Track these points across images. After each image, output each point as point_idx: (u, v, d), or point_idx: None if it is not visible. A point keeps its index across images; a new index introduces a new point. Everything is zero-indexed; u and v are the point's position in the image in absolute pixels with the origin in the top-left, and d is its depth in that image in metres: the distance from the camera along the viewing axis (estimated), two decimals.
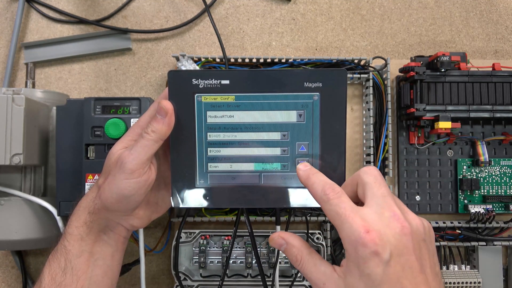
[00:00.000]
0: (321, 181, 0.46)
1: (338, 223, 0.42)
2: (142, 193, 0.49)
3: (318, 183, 0.45)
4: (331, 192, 0.44)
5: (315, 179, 0.46)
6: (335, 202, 0.43)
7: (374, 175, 0.44)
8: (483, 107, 0.72)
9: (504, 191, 0.74)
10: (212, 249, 0.72)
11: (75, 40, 0.79)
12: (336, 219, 0.42)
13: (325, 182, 0.45)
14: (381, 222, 0.41)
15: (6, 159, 0.60)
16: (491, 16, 0.81)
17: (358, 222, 0.40)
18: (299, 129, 0.51)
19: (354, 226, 0.40)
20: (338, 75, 0.50)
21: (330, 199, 0.43)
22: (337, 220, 0.42)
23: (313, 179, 0.46)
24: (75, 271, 0.50)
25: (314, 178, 0.46)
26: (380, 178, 0.44)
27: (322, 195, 0.44)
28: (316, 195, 0.45)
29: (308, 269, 0.45)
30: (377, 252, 0.39)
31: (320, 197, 0.44)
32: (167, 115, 0.48)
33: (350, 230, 0.40)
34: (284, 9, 0.81)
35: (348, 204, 0.42)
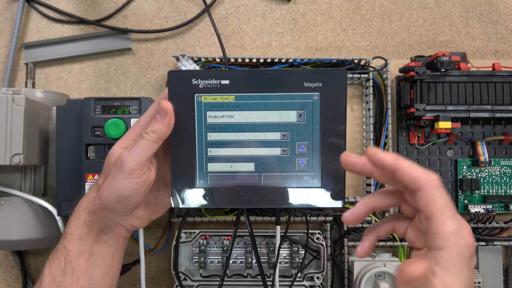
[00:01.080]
0: (417, 165, 0.41)
1: (447, 215, 0.39)
2: (141, 193, 0.49)
3: (417, 166, 0.41)
4: (437, 179, 0.40)
5: (408, 162, 0.41)
6: (444, 192, 0.40)
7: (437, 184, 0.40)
8: (483, 107, 0.72)
9: (504, 191, 0.74)
10: (212, 249, 0.72)
11: (75, 40, 0.79)
12: (445, 211, 0.39)
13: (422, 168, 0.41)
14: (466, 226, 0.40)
15: (6, 159, 0.60)
16: (491, 16, 0.81)
17: (463, 222, 0.39)
18: (299, 129, 0.51)
19: (462, 224, 0.38)
20: (338, 75, 0.50)
21: (440, 186, 0.40)
22: (446, 211, 0.39)
23: (406, 161, 0.42)
24: (75, 271, 0.50)
25: (406, 161, 0.42)
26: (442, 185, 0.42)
27: (430, 180, 0.40)
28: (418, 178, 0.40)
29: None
30: (473, 255, 0.39)
31: (426, 180, 0.40)
32: (167, 115, 0.48)
33: (459, 227, 0.38)
34: (284, 9, 0.81)
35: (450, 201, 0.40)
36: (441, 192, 0.40)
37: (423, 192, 0.40)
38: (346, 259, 0.72)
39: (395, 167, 0.41)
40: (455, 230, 0.38)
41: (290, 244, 0.72)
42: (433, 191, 0.39)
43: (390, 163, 0.42)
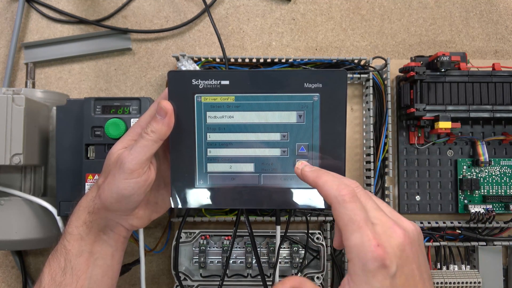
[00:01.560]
0: (335, 180, 0.43)
1: (349, 229, 0.40)
2: (141, 193, 0.49)
3: (332, 182, 0.43)
4: (347, 194, 0.41)
5: (327, 178, 0.44)
6: (351, 206, 0.41)
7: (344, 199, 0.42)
8: (483, 107, 0.72)
9: (504, 191, 0.74)
10: (212, 249, 0.72)
11: (75, 40, 0.79)
12: (348, 226, 0.40)
13: (340, 181, 0.43)
14: (385, 235, 0.40)
15: (6, 159, 0.60)
16: (491, 16, 0.81)
17: (369, 235, 0.39)
18: (299, 129, 0.51)
19: (366, 237, 0.39)
20: (338, 76, 0.50)
21: (346, 201, 0.41)
22: (348, 226, 0.40)
23: (325, 177, 0.44)
24: (75, 271, 0.50)
25: (326, 176, 0.44)
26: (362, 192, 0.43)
27: (337, 195, 0.41)
28: (329, 195, 0.42)
29: None
30: (386, 265, 0.38)
31: (334, 197, 0.41)
32: (167, 116, 0.48)
33: (361, 241, 0.39)
34: (284, 9, 0.81)
35: (362, 212, 0.40)
36: (347, 207, 0.40)
37: (333, 208, 0.42)
38: (346, 259, 0.72)
39: (315, 185, 0.44)
40: (357, 243, 0.39)
41: (290, 244, 0.72)
42: (339, 206, 0.41)
43: (312, 182, 0.45)
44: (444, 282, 0.70)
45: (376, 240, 0.39)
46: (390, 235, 0.40)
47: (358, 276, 0.39)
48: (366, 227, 0.39)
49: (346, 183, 0.43)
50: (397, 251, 0.39)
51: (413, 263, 0.40)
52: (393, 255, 0.39)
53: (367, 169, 0.73)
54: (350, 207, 0.40)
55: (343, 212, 0.41)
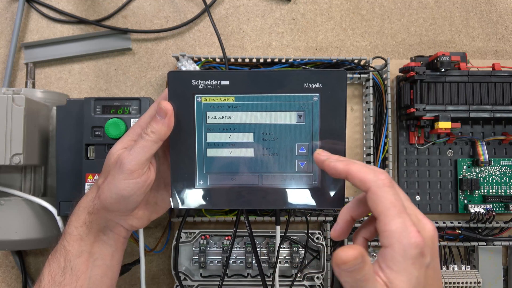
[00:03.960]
0: (369, 166, 0.42)
1: (391, 214, 0.39)
2: (141, 193, 0.49)
3: (367, 168, 0.42)
4: (386, 178, 0.41)
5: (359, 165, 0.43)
6: (392, 191, 0.40)
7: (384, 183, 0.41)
8: (483, 107, 0.72)
9: (504, 191, 0.74)
10: (212, 249, 0.72)
11: (75, 40, 0.79)
12: (390, 210, 0.39)
13: (374, 167, 0.42)
14: (420, 225, 0.40)
15: (6, 159, 0.60)
16: (491, 16, 0.81)
17: (410, 221, 0.38)
18: (299, 130, 0.51)
19: (408, 223, 0.38)
20: (338, 76, 0.50)
21: (387, 185, 0.40)
22: (391, 210, 0.39)
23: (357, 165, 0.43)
24: (75, 271, 0.50)
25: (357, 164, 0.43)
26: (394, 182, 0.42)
27: (376, 180, 0.40)
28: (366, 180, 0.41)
29: None
30: (423, 254, 0.38)
31: (373, 181, 0.40)
32: (167, 116, 0.48)
33: (404, 226, 0.38)
34: (284, 9, 0.81)
35: (400, 199, 0.40)
36: (388, 191, 0.40)
37: (370, 192, 0.41)
38: None
39: (347, 173, 0.43)
40: (399, 228, 0.38)
41: (290, 244, 0.72)
42: (379, 190, 0.40)
43: (343, 170, 0.43)
44: (444, 282, 0.70)
45: (416, 227, 0.38)
46: (423, 227, 0.40)
47: (397, 262, 0.38)
48: (406, 214, 0.39)
49: (380, 170, 0.42)
50: (430, 243, 0.40)
51: (438, 257, 0.41)
52: (428, 245, 0.39)
53: None
54: (391, 191, 0.40)
55: (384, 196, 0.40)
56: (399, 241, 0.38)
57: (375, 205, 0.40)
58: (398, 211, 0.39)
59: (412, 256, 0.38)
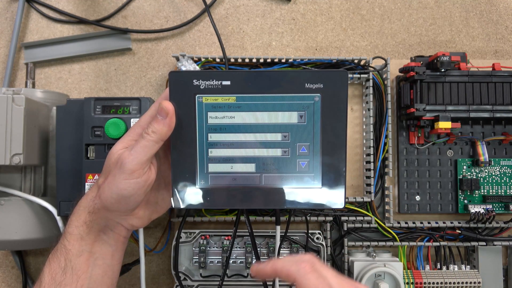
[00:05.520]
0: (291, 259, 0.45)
1: None
2: (141, 193, 0.49)
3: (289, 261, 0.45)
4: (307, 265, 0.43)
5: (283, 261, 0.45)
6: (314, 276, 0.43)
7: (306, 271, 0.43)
8: (483, 107, 0.72)
9: (504, 191, 0.74)
10: (212, 249, 0.72)
11: (75, 40, 0.79)
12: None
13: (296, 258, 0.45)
14: None
15: (6, 159, 0.60)
16: (491, 16, 0.81)
17: None
18: (300, 130, 0.51)
19: None
20: (339, 77, 0.50)
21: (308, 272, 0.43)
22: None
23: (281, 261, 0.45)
24: (75, 270, 0.51)
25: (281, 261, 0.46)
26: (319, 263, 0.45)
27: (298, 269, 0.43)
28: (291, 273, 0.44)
29: None
30: None
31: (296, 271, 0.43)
32: (168, 116, 0.48)
33: None
34: (284, 9, 0.81)
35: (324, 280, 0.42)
36: (310, 278, 0.42)
37: (296, 282, 0.43)
38: (346, 259, 0.72)
39: (275, 274, 0.46)
40: None
41: (290, 244, 0.72)
42: (302, 278, 0.42)
43: (271, 273, 0.46)
44: (444, 282, 0.70)
45: None
46: None
47: None
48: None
49: (303, 259, 0.44)
50: None
51: None
52: None
53: (367, 169, 0.73)
54: (313, 277, 0.42)
55: (306, 283, 0.42)
56: None
57: None
58: None
59: None
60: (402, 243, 0.72)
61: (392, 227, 0.72)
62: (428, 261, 0.73)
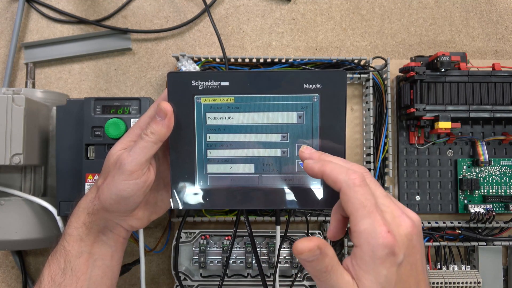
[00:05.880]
0: (343, 165, 0.43)
1: (360, 214, 0.39)
2: (141, 194, 0.49)
3: (340, 168, 0.42)
4: (357, 178, 0.41)
5: (334, 165, 0.43)
6: (362, 190, 0.40)
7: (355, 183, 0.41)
8: (483, 107, 0.72)
9: (504, 191, 0.74)
10: (212, 249, 0.72)
11: (75, 40, 0.79)
12: (358, 210, 0.39)
13: (348, 166, 0.43)
14: (394, 222, 0.40)
15: (6, 159, 0.60)
16: (491, 16, 0.81)
17: (380, 220, 0.39)
18: (299, 130, 0.51)
19: (377, 223, 0.39)
20: (338, 77, 0.50)
21: (357, 185, 0.40)
22: (359, 211, 0.39)
23: (331, 165, 0.43)
24: (75, 271, 0.51)
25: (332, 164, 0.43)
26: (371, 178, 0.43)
27: (347, 180, 0.41)
28: (337, 180, 0.41)
29: (335, 280, 0.40)
30: (394, 253, 0.38)
31: (344, 181, 0.41)
32: (167, 117, 0.48)
33: (372, 227, 0.38)
34: (284, 9, 0.81)
35: (373, 198, 0.40)
36: (357, 191, 0.40)
37: (342, 192, 0.41)
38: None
39: (322, 174, 0.44)
40: (368, 229, 0.39)
41: (290, 244, 0.72)
42: (349, 190, 0.40)
43: (318, 171, 0.44)
44: (444, 282, 0.70)
45: (387, 227, 0.39)
46: (399, 224, 0.40)
47: (365, 262, 0.39)
48: (377, 213, 0.39)
49: (354, 168, 0.43)
50: (405, 240, 0.39)
51: (417, 254, 0.41)
52: (401, 243, 0.39)
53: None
54: (361, 191, 0.40)
55: (353, 196, 0.40)
56: (367, 242, 0.38)
57: (346, 206, 0.41)
58: (368, 211, 0.39)
59: (381, 256, 0.38)
60: None
61: None
62: (428, 261, 0.73)
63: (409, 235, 0.40)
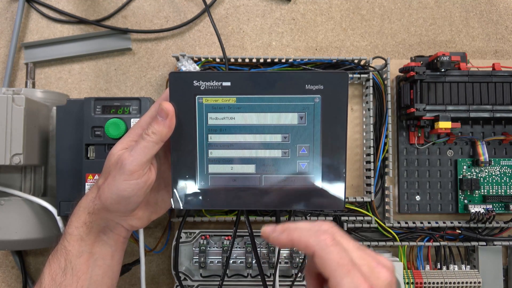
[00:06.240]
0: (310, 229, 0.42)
1: (339, 274, 0.38)
2: (141, 194, 0.49)
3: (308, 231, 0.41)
4: (328, 237, 0.40)
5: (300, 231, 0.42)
6: (336, 249, 0.39)
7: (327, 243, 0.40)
8: (483, 107, 0.72)
9: (504, 191, 0.74)
10: (212, 249, 0.72)
11: (75, 40, 0.79)
12: (337, 270, 0.38)
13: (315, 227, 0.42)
14: (373, 275, 0.39)
15: (6, 159, 0.60)
16: (491, 16, 0.81)
17: (360, 277, 0.38)
18: (300, 131, 0.51)
19: (357, 280, 0.38)
20: (339, 78, 0.50)
21: (329, 245, 0.39)
22: (337, 271, 0.38)
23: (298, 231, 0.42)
24: (75, 271, 0.51)
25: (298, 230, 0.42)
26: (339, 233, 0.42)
27: (318, 242, 0.40)
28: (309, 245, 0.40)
29: None
30: None
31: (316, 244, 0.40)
32: (168, 117, 0.48)
33: (354, 286, 0.37)
34: (284, 9, 0.81)
35: (347, 254, 0.39)
36: (332, 251, 0.39)
37: (316, 255, 0.40)
38: None
39: (291, 242, 0.42)
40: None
41: None
42: (323, 252, 0.39)
43: (286, 242, 0.42)
44: (444, 282, 0.70)
45: (368, 283, 0.38)
46: (377, 276, 0.39)
47: None
48: (355, 270, 0.38)
49: (322, 228, 0.41)
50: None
51: None
52: None
53: (367, 169, 0.73)
54: (334, 251, 0.39)
55: (328, 257, 0.39)
56: None
57: (323, 268, 0.39)
58: (346, 270, 0.38)
59: None
60: (402, 243, 0.72)
61: (392, 227, 0.72)
62: (428, 261, 0.73)
63: (389, 285, 0.40)
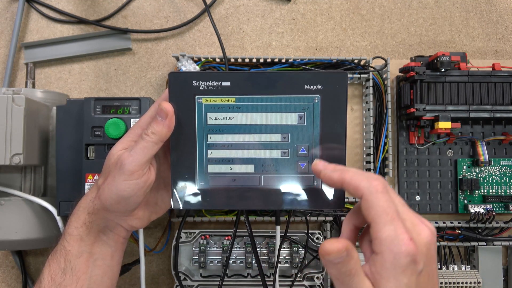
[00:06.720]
0: (363, 173, 0.42)
1: (382, 221, 0.39)
2: (141, 194, 0.49)
3: (361, 175, 0.42)
4: (379, 184, 0.40)
5: (353, 172, 0.42)
6: (385, 197, 0.40)
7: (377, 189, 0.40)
8: (483, 107, 0.72)
9: (504, 191, 0.74)
10: (212, 249, 0.72)
11: (75, 40, 0.79)
12: (381, 217, 0.39)
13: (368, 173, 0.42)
14: (414, 231, 0.39)
15: (6, 159, 0.60)
16: (491, 16, 0.81)
17: (402, 228, 0.38)
18: (300, 131, 0.51)
19: (399, 230, 0.38)
20: (339, 78, 0.50)
21: (379, 191, 0.40)
22: (382, 217, 0.39)
23: (351, 172, 0.42)
24: (75, 271, 0.50)
25: (351, 171, 0.42)
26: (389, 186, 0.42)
27: (369, 186, 0.40)
28: (359, 187, 0.40)
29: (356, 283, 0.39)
30: (416, 262, 0.38)
31: (366, 187, 0.40)
32: (168, 117, 0.48)
33: (395, 234, 0.38)
34: (284, 9, 0.81)
35: (394, 205, 0.40)
36: (380, 198, 0.39)
37: (363, 199, 0.40)
38: None
39: (341, 182, 0.43)
40: (390, 236, 0.38)
41: (290, 244, 0.72)
42: (371, 196, 0.40)
43: (337, 182, 0.43)
44: (444, 282, 0.70)
45: (409, 235, 0.38)
46: (419, 232, 0.39)
47: (386, 269, 0.38)
48: (399, 220, 0.39)
49: (373, 176, 0.42)
50: (424, 249, 0.39)
51: (434, 263, 0.40)
52: (422, 252, 0.39)
53: (367, 169, 0.73)
54: (383, 198, 0.39)
55: (376, 202, 0.39)
56: (389, 249, 0.38)
57: (368, 212, 0.40)
58: (390, 218, 0.39)
59: (403, 264, 0.37)
60: None
61: None
62: None
63: (428, 244, 0.40)
